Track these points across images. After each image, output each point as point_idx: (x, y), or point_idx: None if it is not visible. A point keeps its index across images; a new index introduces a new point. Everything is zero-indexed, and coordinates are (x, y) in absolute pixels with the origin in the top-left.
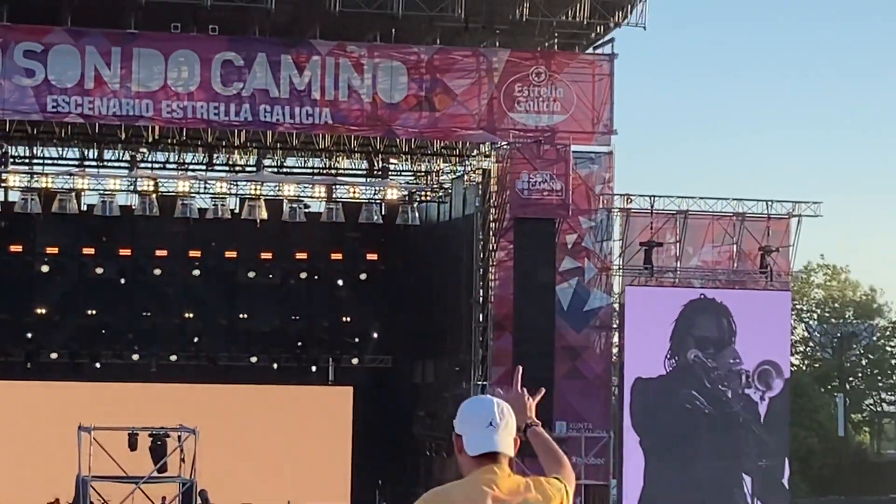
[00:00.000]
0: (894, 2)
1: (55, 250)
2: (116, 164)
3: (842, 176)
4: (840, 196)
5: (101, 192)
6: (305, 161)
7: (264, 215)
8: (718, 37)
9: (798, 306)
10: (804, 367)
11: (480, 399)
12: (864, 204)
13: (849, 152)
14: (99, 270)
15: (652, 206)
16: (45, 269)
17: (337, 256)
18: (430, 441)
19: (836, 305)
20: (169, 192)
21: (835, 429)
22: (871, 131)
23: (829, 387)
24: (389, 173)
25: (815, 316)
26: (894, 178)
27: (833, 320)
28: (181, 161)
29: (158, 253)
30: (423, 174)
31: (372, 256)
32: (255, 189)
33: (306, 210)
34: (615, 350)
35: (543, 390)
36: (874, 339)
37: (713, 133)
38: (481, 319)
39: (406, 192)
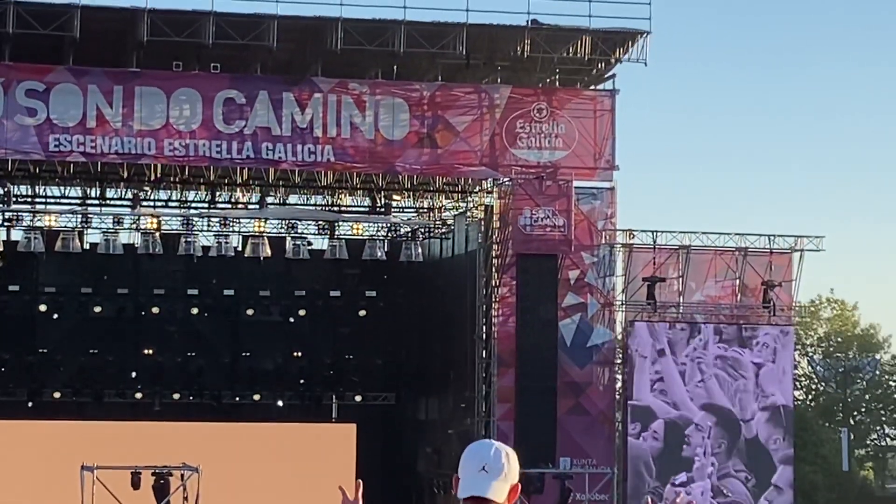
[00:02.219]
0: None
1: (55, 289)
2: (119, 202)
3: (844, 210)
4: (843, 230)
5: (104, 230)
6: (308, 198)
7: (268, 252)
8: (719, 72)
9: (802, 341)
10: (808, 402)
11: (482, 443)
12: (867, 237)
13: (850, 187)
14: (100, 309)
15: (654, 242)
16: (46, 308)
17: (339, 293)
18: (435, 478)
19: (839, 340)
20: (172, 230)
21: (839, 463)
22: (872, 166)
23: (833, 421)
24: (392, 210)
25: (819, 350)
26: None
27: (836, 355)
28: (183, 199)
29: (161, 291)
30: (425, 211)
31: (373, 293)
32: (258, 226)
33: (309, 247)
34: (619, 385)
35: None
36: (877, 373)
37: (715, 168)
38: (485, 355)
39: (409, 229)
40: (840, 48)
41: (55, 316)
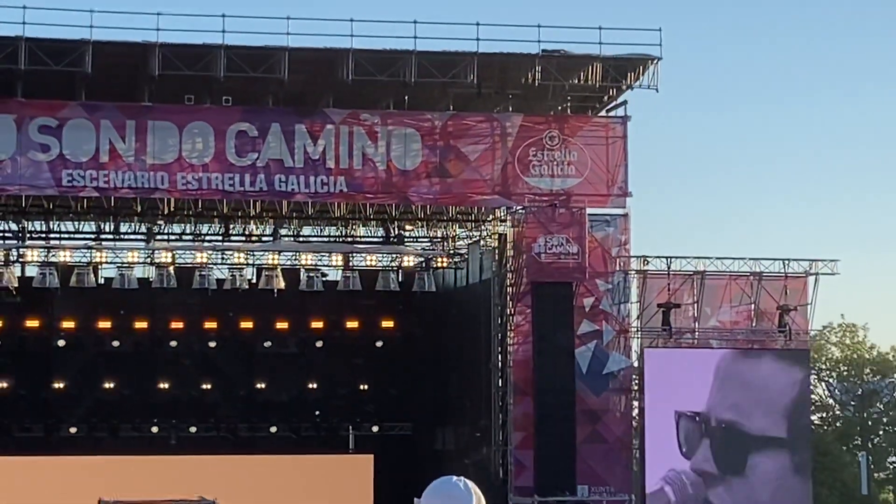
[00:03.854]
0: None
1: (72, 324)
2: (133, 237)
3: (859, 234)
4: (857, 254)
5: (119, 265)
6: (321, 230)
7: (282, 285)
8: (730, 97)
9: (818, 365)
10: (825, 427)
11: (454, 481)
12: (882, 261)
13: (865, 211)
14: (116, 343)
15: (669, 268)
16: (62, 343)
17: (354, 324)
18: None
19: (855, 364)
20: (186, 263)
21: (858, 487)
22: (888, 190)
23: (851, 445)
24: (405, 240)
25: (835, 374)
26: None
27: (853, 378)
28: (197, 232)
29: (176, 325)
30: (438, 240)
31: (389, 323)
32: (272, 259)
33: (323, 279)
34: (635, 412)
35: None
36: (895, 395)
37: (728, 193)
38: (500, 384)
39: (422, 259)
40: (852, 72)
41: (73, 350)
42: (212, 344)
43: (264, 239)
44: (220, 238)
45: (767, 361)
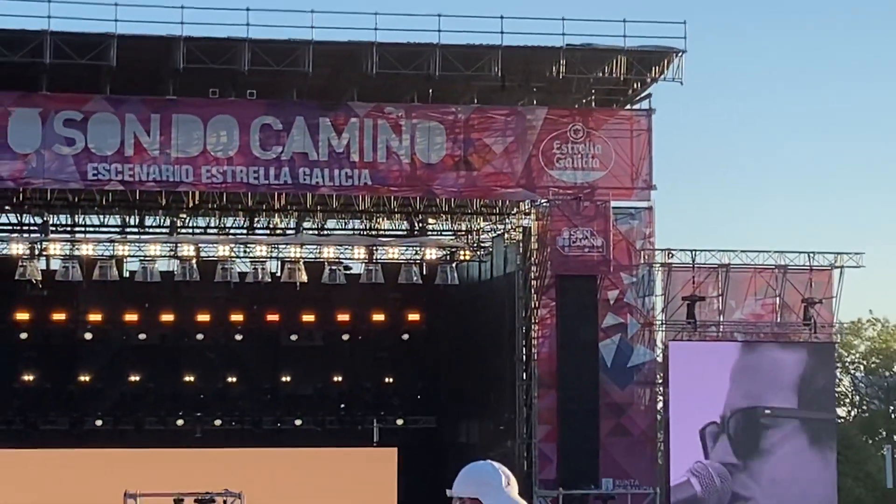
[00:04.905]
0: None
1: (98, 317)
2: (157, 230)
3: (884, 227)
4: (883, 246)
5: (142, 258)
6: (345, 223)
7: (304, 278)
8: (755, 90)
9: (844, 358)
10: (851, 419)
11: (483, 463)
12: None
13: (891, 204)
14: (141, 336)
15: (693, 261)
16: (88, 336)
17: (378, 317)
18: None
19: (882, 357)
20: (210, 256)
21: (883, 480)
22: None
23: (877, 438)
24: (429, 233)
25: (862, 368)
26: None
27: (879, 371)
28: (221, 226)
29: (200, 318)
30: (463, 233)
31: (413, 317)
32: (296, 252)
33: (346, 272)
34: (660, 405)
35: None
36: None
37: (753, 186)
38: (525, 377)
39: (446, 253)
40: (878, 63)
41: (98, 343)
42: (238, 337)
43: (288, 232)
44: (244, 231)
45: (776, 351)
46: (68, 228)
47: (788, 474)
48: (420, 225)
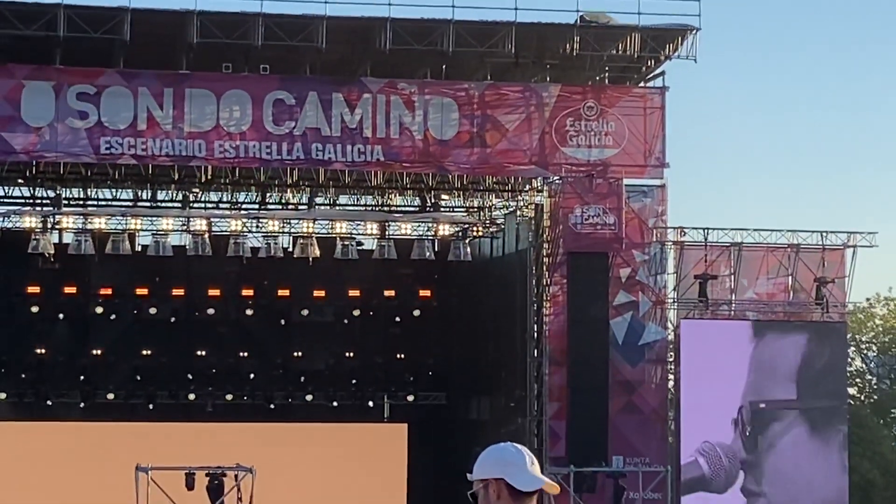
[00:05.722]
0: None
1: (109, 291)
2: (170, 204)
3: None
4: None
5: (155, 232)
6: (358, 199)
7: (317, 253)
8: (770, 68)
9: (856, 338)
10: (863, 399)
11: (504, 445)
12: None
13: None
14: (153, 311)
15: (706, 239)
16: (99, 310)
17: (390, 293)
18: None
19: (895, 336)
20: (222, 231)
21: (894, 461)
22: None
23: (889, 418)
24: (442, 209)
25: (874, 348)
26: None
27: (891, 352)
28: (234, 200)
29: (212, 292)
30: (475, 210)
31: (425, 293)
32: (308, 227)
33: (359, 248)
34: (671, 384)
35: None
36: None
37: (766, 164)
38: (536, 354)
39: (458, 229)
40: (891, 42)
41: (111, 317)
42: (248, 312)
43: (300, 207)
44: (256, 206)
45: (777, 338)
46: (81, 202)
47: (793, 469)
48: (434, 201)
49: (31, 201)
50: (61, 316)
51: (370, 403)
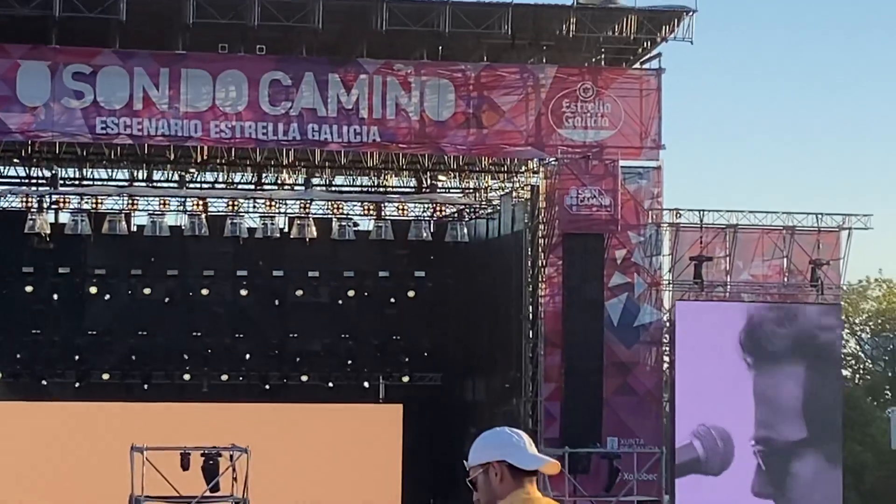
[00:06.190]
0: None
1: (103, 271)
2: (166, 184)
3: (893, 188)
4: (892, 208)
5: (150, 212)
6: (354, 179)
7: (314, 234)
8: (766, 50)
9: (850, 320)
10: (856, 381)
11: (501, 429)
12: None
13: None
14: (149, 291)
15: (701, 221)
16: (94, 290)
17: (386, 274)
18: None
19: (888, 319)
20: (218, 212)
21: (888, 442)
22: None
23: (882, 400)
24: (438, 190)
25: (867, 330)
26: None
27: (885, 333)
28: (230, 181)
29: (207, 273)
30: (471, 191)
31: (420, 274)
32: (304, 208)
33: (355, 228)
34: (666, 365)
35: None
36: None
37: (762, 146)
38: (531, 336)
39: (455, 210)
40: (888, 25)
41: (105, 297)
42: (244, 292)
43: (296, 188)
44: (252, 187)
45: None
46: (77, 182)
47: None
48: (431, 182)
49: (27, 181)
50: (56, 296)
51: (365, 384)
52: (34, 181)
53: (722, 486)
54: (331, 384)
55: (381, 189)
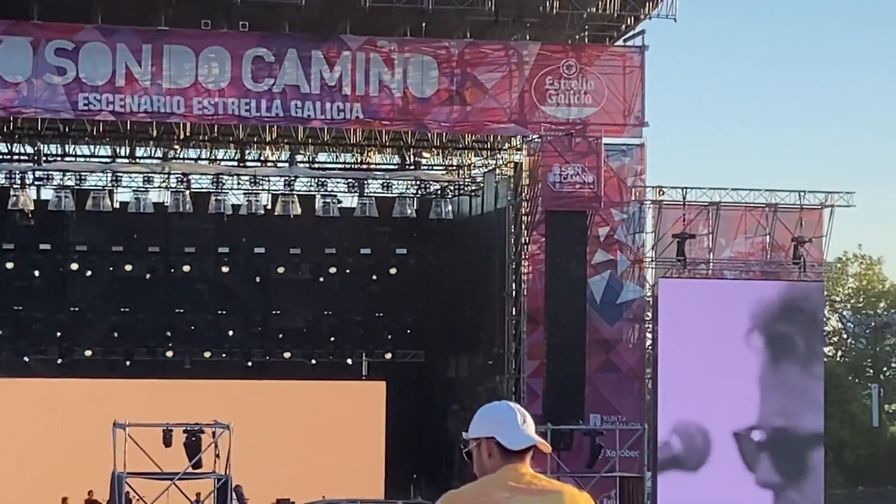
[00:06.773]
0: None
1: (85, 248)
2: (149, 161)
3: (875, 166)
4: (874, 186)
5: (134, 189)
6: (337, 156)
7: (298, 211)
8: (749, 27)
9: (832, 297)
10: (838, 358)
11: (498, 403)
12: None
13: (882, 143)
14: (131, 268)
15: (684, 198)
16: (77, 266)
17: (368, 251)
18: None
19: (869, 296)
20: (201, 188)
21: (869, 419)
22: None
23: (863, 377)
24: (421, 167)
25: (849, 307)
26: None
27: (866, 311)
28: (213, 157)
29: (189, 250)
30: (454, 168)
31: (402, 251)
32: (288, 185)
33: (339, 205)
34: (649, 342)
35: None
36: None
37: (745, 124)
38: (514, 313)
39: (438, 187)
40: (870, 3)
41: (87, 274)
42: (226, 269)
43: (280, 165)
44: (235, 163)
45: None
46: (59, 158)
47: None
48: (414, 159)
49: (9, 157)
50: (38, 273)
51: (348, 361)
52: (17, 157)
53: (710, 470)
54: (314, 361)
55: (365, 166)
